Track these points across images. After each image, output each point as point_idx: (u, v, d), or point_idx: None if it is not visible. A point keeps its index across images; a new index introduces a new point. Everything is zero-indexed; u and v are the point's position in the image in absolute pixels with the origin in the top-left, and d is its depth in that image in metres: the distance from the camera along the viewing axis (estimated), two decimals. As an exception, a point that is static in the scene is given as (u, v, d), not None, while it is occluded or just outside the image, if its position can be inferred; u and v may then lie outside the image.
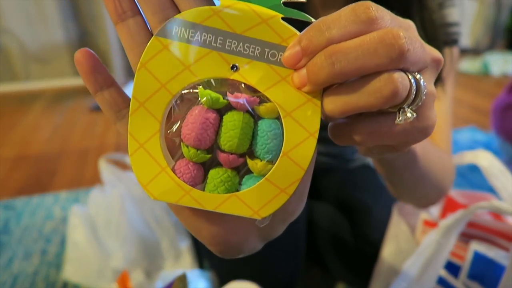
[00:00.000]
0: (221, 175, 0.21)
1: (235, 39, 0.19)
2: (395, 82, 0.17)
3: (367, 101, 0.18)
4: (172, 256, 0.81)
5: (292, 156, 0.20)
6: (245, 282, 0.59)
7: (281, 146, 0.20)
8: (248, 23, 0.19)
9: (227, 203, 0.20)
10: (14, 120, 1.78)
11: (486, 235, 0.51)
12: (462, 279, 0.52)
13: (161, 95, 0.20)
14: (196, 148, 0.20)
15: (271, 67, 0.19)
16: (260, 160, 0.21)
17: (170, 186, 0.20)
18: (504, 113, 1.23)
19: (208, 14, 0.19)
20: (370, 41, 0.17)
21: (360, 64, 0.17)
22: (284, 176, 0.20)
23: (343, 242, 0.70)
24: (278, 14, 0.19)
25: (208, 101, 0.20)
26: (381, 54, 0.17)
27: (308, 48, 0.18)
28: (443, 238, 0.46)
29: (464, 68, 2.53)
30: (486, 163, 0.50)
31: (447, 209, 0.61)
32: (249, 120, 0.20)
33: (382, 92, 0.18)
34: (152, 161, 0.20)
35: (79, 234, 0.77)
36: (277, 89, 0.19)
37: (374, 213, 0.69)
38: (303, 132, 0.19)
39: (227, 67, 0.19)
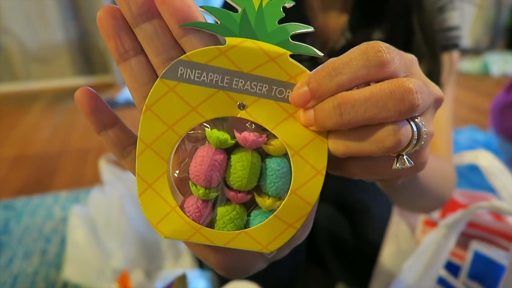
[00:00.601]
0: (230, 212, 0.21)
1: (242, 78, 0.19)
2: (399, 135, 0.18)
3: (369, 149, 0.18)
4: (172, 256, 0.81)
5: (300, 194, 0.20)
6: (245, 282, 0.59)
7: (289, 184, 0.20)
8: (256, 61, 0.19)
9: (237, 239, 0.21)
10: (14, 120, 1.78)
11: (486, 235, 0.51)
12: (462, 279, 0.52)
13: (168, 137, 0.20)
14: (205, 187, 0.20)
15: (279, 104, 0.19)
16: (268, 197, 0.21)
17: (180, 225, 0.21)
18: (503, 112, 1.23)
19: (214, 54, 0.19)
20: (380, 94, 0.17)
21: (368, 117, 0.17)
22: (292, 212, 0.20)
23: (343, 242, 0.70)
24: (286, 52, 0.19)
25: (217, 142, 0.20)
26: (390, 109, 0.17)
27: (317, 92, 0.18)
28: (443, 238, 0.46)
29: (464, 68, 2.53)
30: (486, 163, 0.50)
31: (447, 209, 0.61)
32: (258, 159, 0.20)
33: (385, 143, 0.18)
34: (161, 201, 0.20)
35: (79, 234, 0.77)
36: (285, 126, 0.19)
37: (374, 213, 0.69)
38: (310, 170, 0.20)
39: (235, 105, 0.19)
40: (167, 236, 0.21)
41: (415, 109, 0.17)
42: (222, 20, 0.19)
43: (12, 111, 1.90)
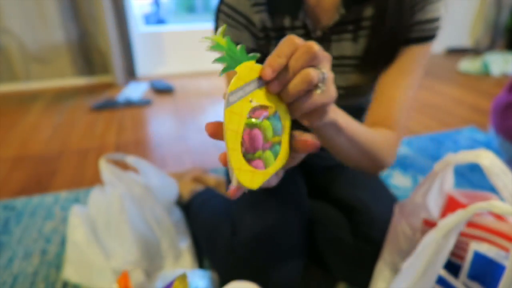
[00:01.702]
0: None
1: (246, 85, 0.33)
2: (312, 73, 0.33)
3: (303, 85, 0.33)
4: (172, 256, 0.81)
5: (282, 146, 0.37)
6: (245, 282, 0.59)
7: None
8: (250, 75, 0.33)
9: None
10: (14, 120, 1.78)
11: (486, 235, 0.51)
12: (462, 279, 0.51)
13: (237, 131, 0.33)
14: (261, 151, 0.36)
15: (263, 89, 0.34)
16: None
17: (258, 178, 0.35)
18: (504, 113, 1.23)
19: (237, 84, 0.32)
20: (296, 58, 0.33)
21: (297, 65, 0.33)
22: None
23: (343, 242, 0.70)
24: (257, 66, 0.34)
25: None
26: (305, 60, 0.33)
27: (272, 66, 0.33)
28: (443, 238, 0.46)
29: (464, 68, 2.53)
30: (488, 163, 0.50)
31: (447, 209, 0.61)
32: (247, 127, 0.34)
33: (308, 78, 0.32)
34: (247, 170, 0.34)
35: (79, 234, 0.77)
36: (270, 99, 0.35)
37: (374, 212, 0.69)
38: (286, 118, 0.36)
39: (248, 102, 0.33)
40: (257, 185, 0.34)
41: (317, 54, 0.33)
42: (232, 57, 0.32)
43: (12, 111, 1.90)
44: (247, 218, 0.67)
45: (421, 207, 0.61)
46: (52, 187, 1.20)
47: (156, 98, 2.07)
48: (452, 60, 2.79)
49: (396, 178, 1.23)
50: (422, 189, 0.60)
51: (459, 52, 3.02)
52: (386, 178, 1.22)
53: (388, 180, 1.22)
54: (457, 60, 2.76)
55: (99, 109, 1.90)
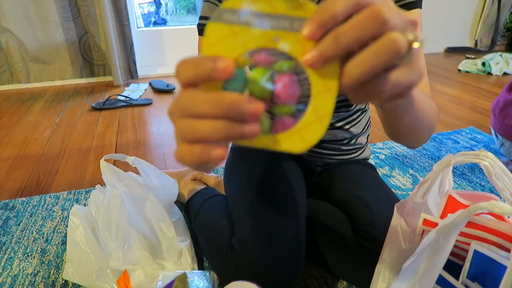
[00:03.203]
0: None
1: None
2: (396, 37, 0.23)
3: (384, 58, 0.23)
4: (172, 256, 0.81)
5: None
6: (245, 282, 0.59)
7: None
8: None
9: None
10: (14, 120, 1.78)
11: (486, 235, 0.51)
12: (462, 279, 0.51)
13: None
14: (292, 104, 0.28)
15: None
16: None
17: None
18: (504, 112, 1.23)
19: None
20: (360, 19, 0.23)
21: (358, 36, 0.23)
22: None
23: (344, 240, 0.70)
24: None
25: (290, 67, 0.27)
26: (371, 25, 0.22)
27: (320, 26, 0.24)
28: (443, 238, 0.46)
29: (464, 68, 2.53)
30: (487, 163, 0.50)
31: (447, 209, 0.61)
32: (268, 73, 0.26)
33: (391, 47, 0.23)
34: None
35: (79, 234, 0.77)
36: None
37: (375, 211, 0.69)
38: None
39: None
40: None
41: (387, 20, 0.22)
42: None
43: (12, 111, 1.90)
44: (246, 219, 0.67)
45: (421, 207, 0.61)
46: (52, 187, 1.20)
47: (156, 98, 2.07)
48: (452, 60, 2.79)
49: (396, 178, 1.23)
50: (422, 189, 0.60)
51: (459, 52, 3.02)
52: (386, 178, 1.22)
53: (388, 180, 1.22)
54: (457, 60, 2.75)
55: (99, 109, 1.89)
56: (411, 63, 0.25)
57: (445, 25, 2.98)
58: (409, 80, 0.25)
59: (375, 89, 0.25)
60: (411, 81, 0.26)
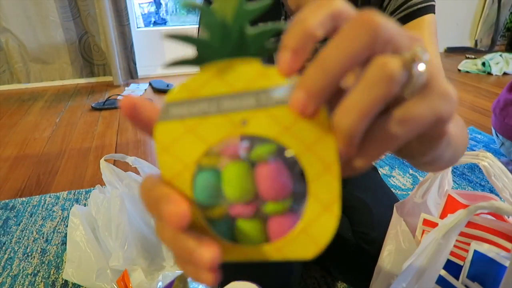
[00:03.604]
0: (245, 227, 0.21)
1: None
2: (385, 61, 0.17)
3: (377, 93, 0.17)
4: (172, 256, 0.81)
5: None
6: (245, 282, 0.59)
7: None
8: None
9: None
10: (14, 120, 1.78)
11: (486, 235, 0.51)
12: (462, 279, 0.51)
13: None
14: (283, 199, 0.22)
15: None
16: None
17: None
18: (504, 111, 1.23)
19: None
20: (346, 30, 0.17)
21: (347, 53, 0.17)
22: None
23: (344, 241, 0.70)
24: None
25: (271, 153, 0.21)
26: (360, 35, 0.17)
27: (312, 92, 0.18)
28: (443, 238, 0.46)
29: (464, 68, 2.53)
30: (487, 163, 0.50)
31: (447, 209, 0.61)
32: (245, 167, 0.21)
33: (381, 76, 0.17)
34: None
35: (79, 234, 0.77)
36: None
37: (375, 212, 0.69)
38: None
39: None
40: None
41: (380, 26, 0.17)
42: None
43: (12, 111, 1.90)
44: None
45: (421, 207, 0.61)
46: (52, 187, 1.20)
47: (156, 98, 2.07)
48: (452, 60, 2.79)
49: (396, 178, 1.23)
50: (422, 189, 0.60)
51: (459, 52, 3.02)
52: (386, 178, 1.22)
53: (388, 180, 1.22)
54: (457, 60, 2.75)
55: (99, 109, 1.89)
56: (427, 90, 0.18)
57: (445, 25, 2.98)
58: (427, 111, 0.18)
59: (385, 136, 0.18)
60: (431, 112, 0.18)
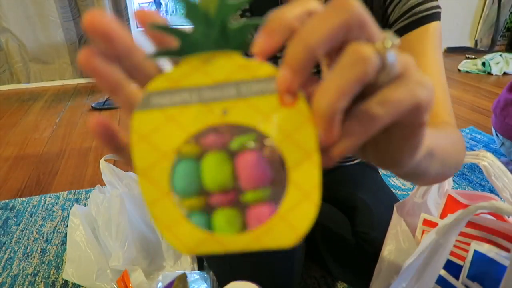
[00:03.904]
0: (225, 215, 0.21)
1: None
2: (358, 46, 0.18)
3: (353, 74, 0.18)
4: (172, 256, 0.81)
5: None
6: (245, 282, 0.59)
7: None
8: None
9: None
10: (14, 120, 1.78)
11: (486, 235, 0.51)
12: (462, 279, 0.51)
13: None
14: (263, 187, 0.22)
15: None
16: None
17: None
18: (505, 111, 1.23)
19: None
20: (325, 10, 0.18)
21: (326, 28, 0.18)
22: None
23: (343, 241, 0.70)
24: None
25: (250, 143, 0.21)
26: (339, 12, 0.18)
27: (294, 67, 0.19)
28: (443, 238, 0.46)
29: (464, 68, 2.53)
30: (487, 163, 0.50)
31: (447, 209, 0.61)
32: (223, 156, 0.21)
33: (356, 59, 0.18)
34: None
35: (79, 234, 0.77)
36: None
37: (374, 212, 0.69)
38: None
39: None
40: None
41: (357, 8, 0.18)
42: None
43: (12, 111, 1.90)
44: None
45: (421, 207, 0.61)
46: (52, 187, 1.20)
47: (156, 98, 2.07)
48: (452, 60, 2.79)
49: (396, 178, 1.23)
50: (422, 189, 0.60)
51: (459, 52, 3.02)
52: (386, 178, 1.22)
53: (388, 180, 1.22)
54: (457, 60, 2.75)
55: (99, 109, 1.89)
56: (404, 77, 0.19)
57: (445, 25, 2.98)
58: (407, 95, 0.19)
59: (365, 117, 0.19)
60: (410, 96, 0.19)
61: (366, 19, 0.18)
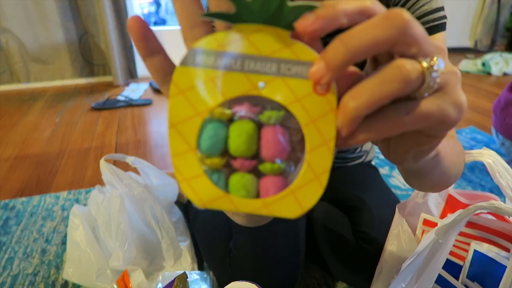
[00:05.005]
0: (241, 179, 0.23)
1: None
2: (404, 64, 0.18)
3: (388, 89, 0.18)
4: (172, 256, 0.81)
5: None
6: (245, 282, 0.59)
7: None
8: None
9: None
10: (14, 120, 1.78)
11: (486, 235, 0.51)
12: (462, 279, 0.51)
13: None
14: (281, 161, 0.23)
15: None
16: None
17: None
18: (505, 111, 1.23)
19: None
20: (376, 19, 0.18)
21: (371, 39, 0.18)
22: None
23: (344, 241, 0.70)
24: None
25: (277, 118, 0.22)
26: (388, 26, 0.18)
27: (331, 63, 0.19)
28: (443, 238, 0.46)
29: (464, 68, 2.53)
30: (491, 161, 0.50)
31: (447, 209, 0.61)
32: (250, 127, 0.22)
33: (397, 76, 0.18)
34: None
35: (79, 234, 0.77)
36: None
37: (375, 212, 0.69)
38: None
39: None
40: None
41: (409, 23, 0.18)
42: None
43: (12, 111, 1.90)
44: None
45: (421, 207, 0.61)
46: (52, 187, 1.20)
47: (156, 98, 2.07)
48: (452, 60, 2.79)
49: (396, 178, 1.23)
50: (422, 189, 0.60)
51: (459, 52, 3.02)
52: (386, 178, 1.22)
53: (388, 180, 1.22)
54: (457, 60, 2.76)
55: (99, 109, 1.89)
56: (441, 93, 0.19)
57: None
58: (436, 111, 0.19)
59: (391, 119, 0.19)
60: (440, 113, 0.19)
61: (416, 35, 0.18)
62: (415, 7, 0.54)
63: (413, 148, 0.23)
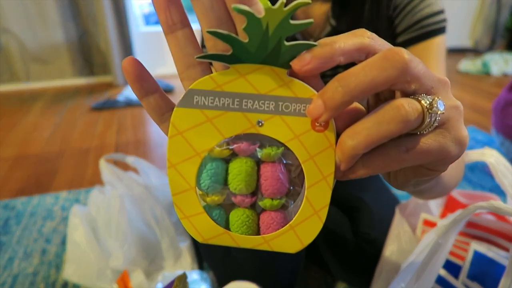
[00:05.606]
0: (241, 216, 0.23)
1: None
2: (403, 104, 0.18)
3: (386, 129, 0.18)
4: (172, 256, 0.81)
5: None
6: (245, 282, 0.59)
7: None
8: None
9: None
10: (14, 120, 1.78)
11: (486, 235, 0.51)
12: (462, 279, 0.51)
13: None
14: (279, 198, 0.24)
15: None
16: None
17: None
18: (504, 111, 1.23)
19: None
20: (375, 59, 0.18)
21: (370, 79, 0.18)
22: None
23: (344, 241, 0.70)
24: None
25: (275, 156, 0.23)
26: (387, 67, 0.18)
27: (330, 102, 0.19)
28: (443, 238, 0.46)
29: (464, 68, 2.53)
30: (493, 160, 0.50)
31: (447, 209, 0.61)
32: (250, 165, 0.23)
33: (395, 117, 0.18)
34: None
35: (79, 234, 0.77)
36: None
37: (375, 212, 0.69)
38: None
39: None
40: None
41: (409, 64, 0.18)
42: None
43: (12, 111, 1.90)
44: None
45: (421, 207, 0.61)
46: (52, 187, 1.20)
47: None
48: (452, 60, 2.79)
49: (396, 178, 1.23)
50: (422, 189, 0.60)
51: (459, 52, 3.02)
52: (386, 178, 1.22)
53: (388, 180, 1.22)
54: (457, 60, 2.76)
55: (99, 109, 1.90)
56: (442, 130, 0.20)
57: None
58: (437, 148, 0.19)
59: (391, 157, 0.19)
60: (440, 150, 0.20)
61: (416, 74, 0.18)
62: (415, 10, 0.54)
63: (414, 178, 0.23)
